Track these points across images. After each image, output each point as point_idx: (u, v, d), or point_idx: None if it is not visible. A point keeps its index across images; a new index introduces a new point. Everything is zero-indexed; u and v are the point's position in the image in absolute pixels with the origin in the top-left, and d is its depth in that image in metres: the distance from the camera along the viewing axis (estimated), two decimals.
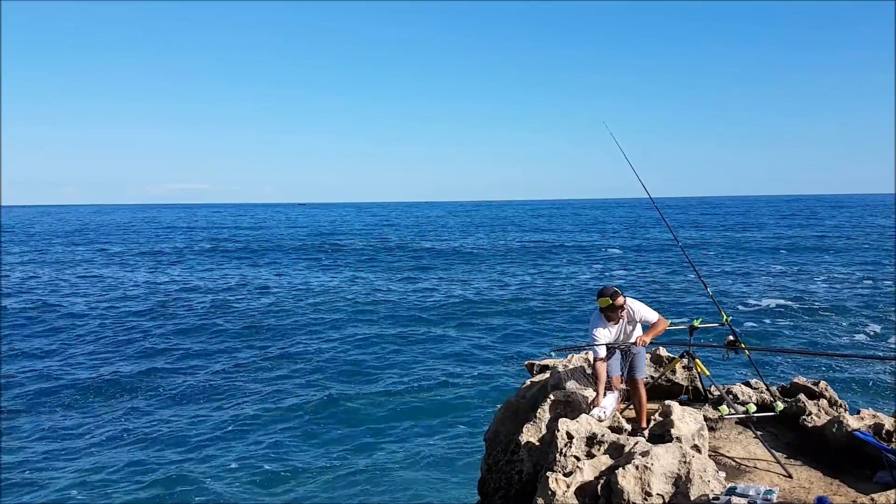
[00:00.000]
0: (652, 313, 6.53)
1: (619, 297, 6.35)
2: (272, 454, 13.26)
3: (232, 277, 39.34)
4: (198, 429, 14.54)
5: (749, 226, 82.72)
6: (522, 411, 7.34)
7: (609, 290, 6.40)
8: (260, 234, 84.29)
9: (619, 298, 6.35)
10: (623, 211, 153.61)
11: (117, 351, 21.36)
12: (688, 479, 5.04)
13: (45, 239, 75.34)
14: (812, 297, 28.66)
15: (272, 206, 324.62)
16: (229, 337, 23.21)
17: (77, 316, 26.95)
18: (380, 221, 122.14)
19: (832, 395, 7.44)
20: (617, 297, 6.34)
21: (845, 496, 5.27)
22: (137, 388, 17.34)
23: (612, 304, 6.36)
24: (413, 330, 24.15)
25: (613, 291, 6.38)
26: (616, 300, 6.34)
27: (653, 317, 6.50)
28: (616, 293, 6.36)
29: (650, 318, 6.50)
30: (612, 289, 6.42)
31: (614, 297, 6.35)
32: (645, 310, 6.54)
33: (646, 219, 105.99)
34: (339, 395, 16.50)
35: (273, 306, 29.17)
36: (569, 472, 5.45)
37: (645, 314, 6.51)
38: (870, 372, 17.56)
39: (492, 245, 61.55)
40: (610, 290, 6.39)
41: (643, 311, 6.52)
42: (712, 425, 6.79)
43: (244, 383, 17.70)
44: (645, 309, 6.55)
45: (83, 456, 13.17)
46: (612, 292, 6.37)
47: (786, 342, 20.92)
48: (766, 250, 50.10)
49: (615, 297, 6.34)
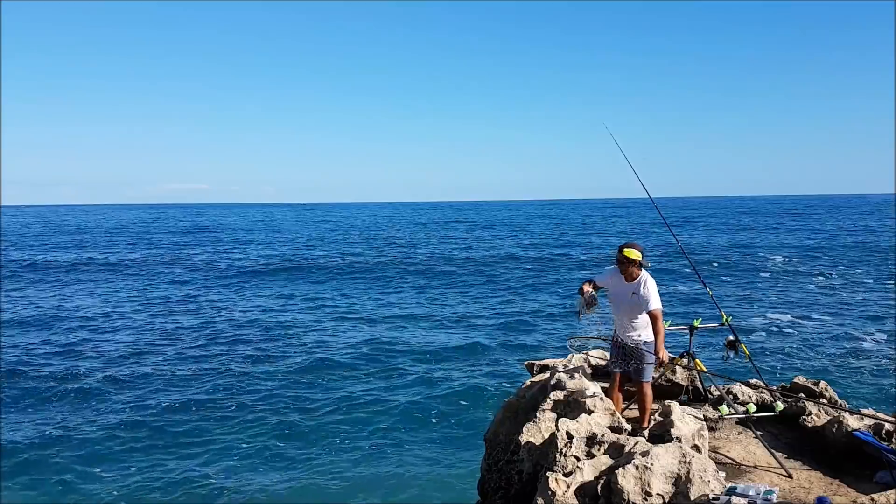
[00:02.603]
0: (654, 300, 6.31)
1: (630, 252, 6.29)
2: (271, 455, 13.27)
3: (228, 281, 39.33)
4: (198, 430, 14.55)
5: (749, 226, 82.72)
6: (522, 411, 7.34)
7: (628, 244, 6.39)
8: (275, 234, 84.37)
9: (629, 253, 6.29)
10: (624, 211, 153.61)
11: (118, 351, 21.37)
12: (688, 479, 5.04)
13: (42, 240, 75.30)
14: (813, 298, 28.68)
15: (273, 207, 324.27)
16: (226, 340, 23.22)
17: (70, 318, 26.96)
18: (381, 221, 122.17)
19: (832, 395, 7.44)
20: (627, 251, 6.30)
21: (845, 496, 5.27)
22: (140, 389, 17.34)
23: (619, 255, 6.38)
24: (413, 330, 24.16)
25: (626, 246, 6.36)
26: (625, 252, 6.32)
27: (652, 304, 6.30)
28: (629, 248, 6.33)
29: (649, 304, 6.30)
30: (631, 244, 6.39)
31: (621, 250, 6.36)
32: (651, 292, 6.33)
33: (645, 219, 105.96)
34: (337, 396, 16.51)
35: (274, 305, 29.21)
36: (569, 472, 5.45)
37: (647, 295, 6.31)
38: (870, 372, 17.58)
39: (491, 245, 61.55)
40: (631, 244, 6.38)
41: (649, 292, 6.32)
42: (712, 425, 6.79)
43: (240, 383, 17.69)
44: (652, 291, 6.34)
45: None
46: (624, 246, 6.38)
47: (786, 342, 20.91)
48: (766, 251, 50.09)
49: (622, 250, 6.34)
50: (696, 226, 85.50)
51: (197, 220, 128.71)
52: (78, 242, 69.06)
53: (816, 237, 62.03)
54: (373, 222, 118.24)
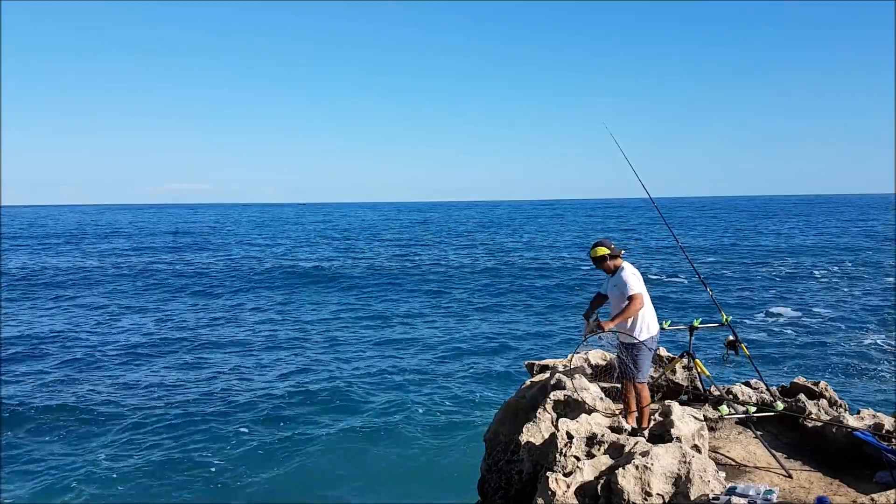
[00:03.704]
0: (631, 285, 6.17)
1: (596, 251, 6.33)
2: (271, 455, 13.27)
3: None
4: (196, 429, 14.55)
5: (750, 226, 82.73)
6: (522, 411, 7.34)
7: (597, 242, 6.41)
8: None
9: (596, 252, 6.34)
10: (624, 211, 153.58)
11: (121, 354, 21.38)
12: (688, 479, 5.04)
13: (43, 239, 75.27)
14: (813, 298, 28.68)
15: (274, 206, 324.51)
16: (226, 332, 23.24)
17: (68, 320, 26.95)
18: (380, 221, 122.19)
19: (832, 395, 7.44)
20: (593, 252, 6.36)
21: (845, 496, 5.27)
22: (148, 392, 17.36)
23: (591, 259, 6.46)
24: (412, 330, 24.16)
25: (597, 244, 6.38)
26: (592, 254, 6.39)
27: (630, 289, 6.13)
28: (595, 248, 6.36)
29: (627, 289, 6.16)
30: (600, 241, 6.40)
31: (593, 251, 6.38)
32: (628, 278, 6.23)
33: (645, 219, 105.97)
34: (336, 396, 16.51)
35: (275, 304, 29.21)
36: (569, 472, 5.45)
37: (625, 281, 6.22)
38: (870, 372, 17.59)
39: (491, 245, 61.54)
40: (597, 242, 6.41)
41: (626, 279, 6.24)
42: (712, 425, 6.79)
43: (238, 381, 17.69)
44: (629, 277, 6.23)
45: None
46: (596, 244, 6.40)
47: (786, 342, 20.92)
48: (766, 251, 50.10)
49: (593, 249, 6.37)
50: (697, 226, 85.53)
51: (195, 221, 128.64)
52: (72, 242, 69.06)
53: (817, 237, 62.05)
54: (372, 222, 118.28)
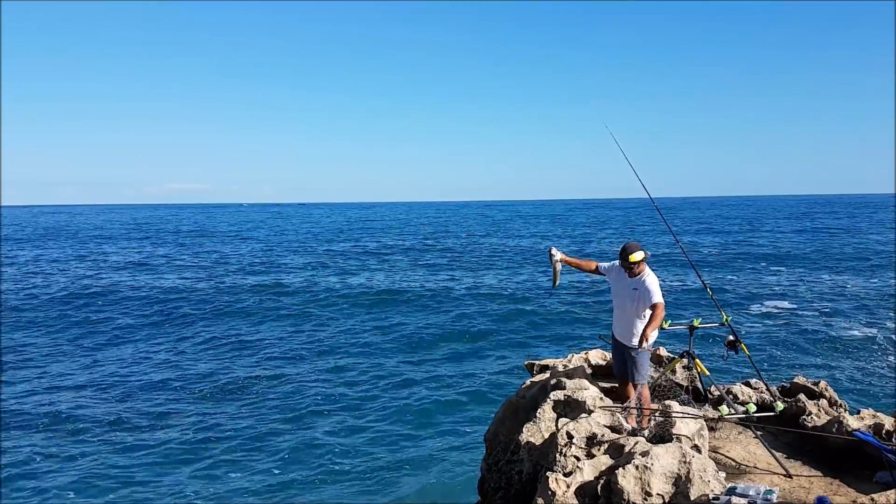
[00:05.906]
0: (656, 294, 6.34)
1: (634, 257, 6.34)
2: (271, 455, 13.27)
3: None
4: (196, 428, 14.56)
5: (750, 226, 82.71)
6: (522, 411, 7.34)
7: (629, 247, 6.39)
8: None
9: (633, 258, 6.35)
10: (624, 211, 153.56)
11: (121, 356, 21.38)
12: (688, 479, 5.04)
13: (44, 239, 75.27)
14: (813, 298, 28.66)
15: (274, 206, 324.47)
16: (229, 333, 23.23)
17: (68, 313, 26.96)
18: (377, 221, 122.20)
19: (832, 395, 7.44)
20: (632, 257, 6.35)
21: (845, 496, 5.27)
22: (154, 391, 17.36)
23: (625, 262, 6.42)
24: (412, 330, 24.15)
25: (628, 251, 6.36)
26: (630, 259, 6.37)
27: (654, 298, 6.32)
28: (631, 252, 6.35)
29: (652, 298, 6.33)
30: (631, 247, 6.39)
31: (625, 258, 6.39)
32: (653, 287, 6.38)
33: (645, 219, 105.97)
34: (336, 396, 16.52)
35: (273, 306, 29.19)
36: (569, 472, 5.45)
37: (650, 290, 6.35)
38: (870, 372, 17.58)
39: (490, 244, 61.54)
40: (629, 248, 6.39)
41: (651, 287, 6.37)
42: (712, 425, 6.78)
43: (240, 386, 17.70)
44: (654, 287, 6.38)
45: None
46: (626, 252, 6.38)
47: (786, 342, 20.91)
48: (766, 251, 50.08)
49: (626, 258, 6.37)
50: (697, 225, 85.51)
51: (193, 222, 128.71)
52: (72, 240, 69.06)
53: (817, 237, 62.03)
54: (373, 222, 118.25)
